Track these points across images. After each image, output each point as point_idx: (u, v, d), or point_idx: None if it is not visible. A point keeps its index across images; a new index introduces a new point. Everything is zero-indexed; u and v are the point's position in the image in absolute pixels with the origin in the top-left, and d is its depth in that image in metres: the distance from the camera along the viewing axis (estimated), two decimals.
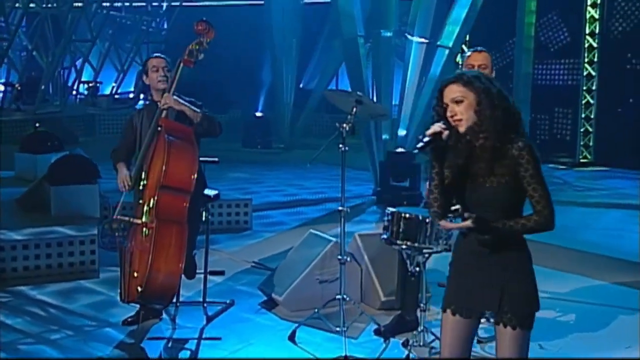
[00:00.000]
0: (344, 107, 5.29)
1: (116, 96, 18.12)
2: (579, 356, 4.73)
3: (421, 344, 4.89)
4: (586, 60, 13.70)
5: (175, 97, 5.20)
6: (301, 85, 16.79)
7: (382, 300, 5.78)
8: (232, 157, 6.64)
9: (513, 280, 3.19)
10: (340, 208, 5.26)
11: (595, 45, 13.61)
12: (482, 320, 3.48)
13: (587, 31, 13.64)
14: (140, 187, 5.12)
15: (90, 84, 17.83)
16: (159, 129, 5.08)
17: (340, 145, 5.12)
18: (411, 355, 4.80)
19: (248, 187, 10.30)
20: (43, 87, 15.21)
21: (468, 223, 3.10)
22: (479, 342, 4.94)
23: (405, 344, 4.99)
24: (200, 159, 5.21)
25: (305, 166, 12.65)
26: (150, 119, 5.34)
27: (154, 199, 4.93)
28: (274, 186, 11.15)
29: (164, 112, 5.17)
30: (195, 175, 5.04)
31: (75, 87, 17.53)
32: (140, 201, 5.07)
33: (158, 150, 5.00)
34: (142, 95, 18.25)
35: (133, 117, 5.61)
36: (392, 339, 5.17)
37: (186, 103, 5.25)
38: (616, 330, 5.43)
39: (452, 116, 3.17)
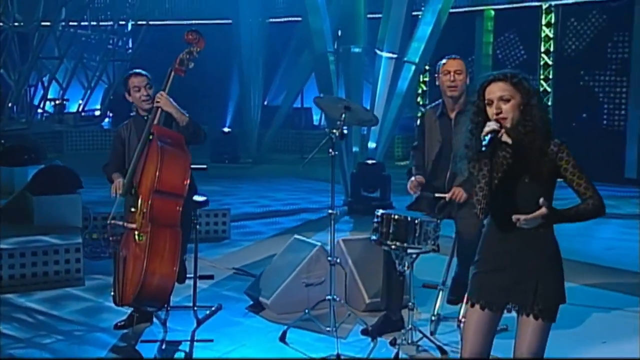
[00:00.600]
0: (332, 113, 5.49)
1: (83, 114, 18.08)
2: (562, 351, 4.90)
3: (409, 342, 5.08)
4: (542, 77, 14.13)
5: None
6: (265, 103, 16.93)
7: (366, 302, 5.93)
8: (201, 171, 6.77)
9: (546, 274, 3.35)
10: (330, 211, 5.43)
11: (550, 62, 14.06)
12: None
13: (543, 49, 14.10)
14: (133, 193, 5.24)
15: (57, 102, 17.76)
16: (151, 136, 5.23)
17: (330, 150, 5.32)
18: (400, 353, 4.96)
19: (221, 199, 10.39)
20: (10, 104, 15.10)
21: (543, 211, 3.20)
22: None
23: (393, 343, 5.14)
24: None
25: (274, 179, 12.97)
26: (138, 131, 5.49)
27: (148, 204, 5.04)
28: (247, 198, 11.26)
29: (158, 112, 5.32)
30: (188, 181, 5.19)
31: (41, 105, 17.41)
32: (133, 208, 5.17)
33: (151, 156, 5.12)
34: (109, 113, 18.24)
35: (120, 130, 5.73)
36: (379, 339, 5.33)
37: (176, 105, 5.42)
38: (589, 328, 5.68)
39: (497, 113, 3.30)
